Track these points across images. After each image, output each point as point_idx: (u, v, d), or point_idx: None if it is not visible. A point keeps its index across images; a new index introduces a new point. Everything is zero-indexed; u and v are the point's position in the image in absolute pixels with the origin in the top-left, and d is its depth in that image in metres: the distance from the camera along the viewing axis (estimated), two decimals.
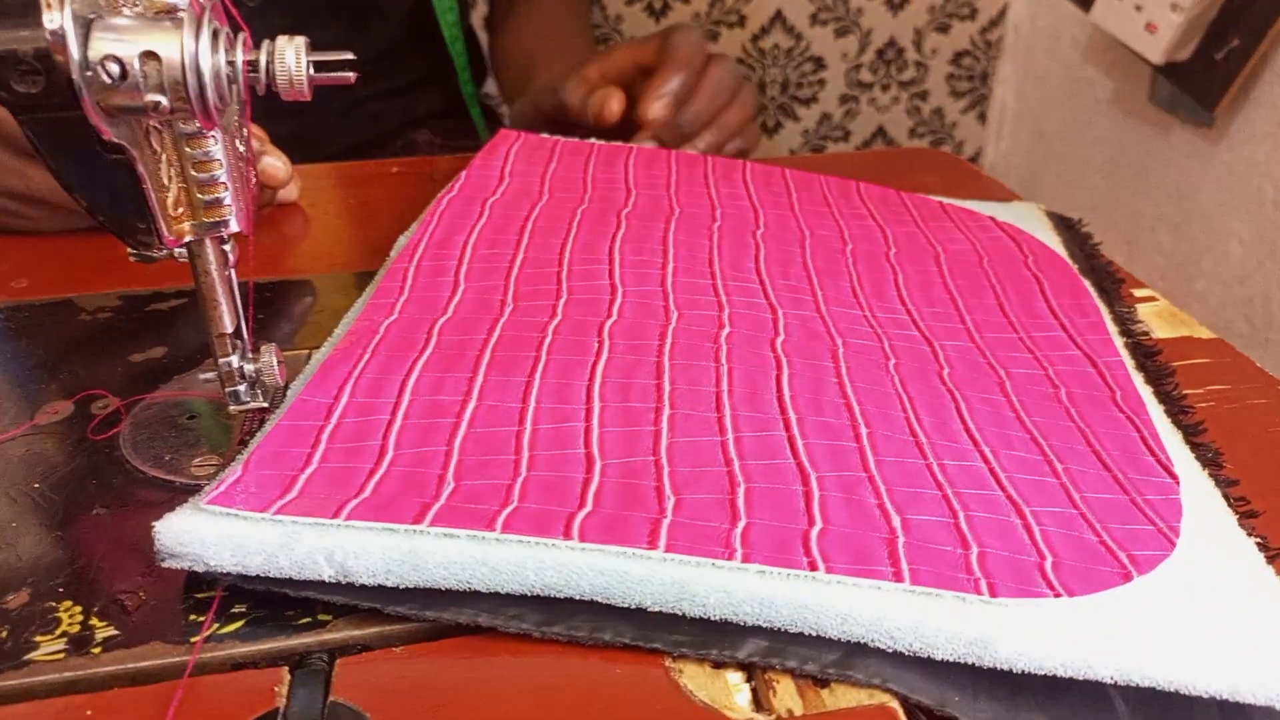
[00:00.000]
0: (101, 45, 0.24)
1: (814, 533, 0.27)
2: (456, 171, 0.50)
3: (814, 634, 0.25)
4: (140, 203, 0.27)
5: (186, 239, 0.29)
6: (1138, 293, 0.45)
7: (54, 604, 0.28)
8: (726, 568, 0.25)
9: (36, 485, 0.32)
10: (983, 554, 0.27)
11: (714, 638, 0.25)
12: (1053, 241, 0.48)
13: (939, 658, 0.24)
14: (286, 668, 0.26)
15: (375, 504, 0.28)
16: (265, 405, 0.33)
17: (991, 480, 0.30)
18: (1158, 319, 0.43)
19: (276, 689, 0.25)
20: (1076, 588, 0.26)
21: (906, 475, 0.30)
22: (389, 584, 0.26)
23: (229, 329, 0.31)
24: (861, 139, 1.29)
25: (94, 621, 0.27)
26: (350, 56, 0.26)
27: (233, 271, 0.31)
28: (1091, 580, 0.26)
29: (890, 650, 0.25)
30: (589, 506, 0.28)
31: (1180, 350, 0.40)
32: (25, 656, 0.26)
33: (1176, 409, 0.36)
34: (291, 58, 0.25)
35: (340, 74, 0.26)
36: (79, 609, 0.27)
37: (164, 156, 0.27)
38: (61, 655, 0.26)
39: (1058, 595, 0.25)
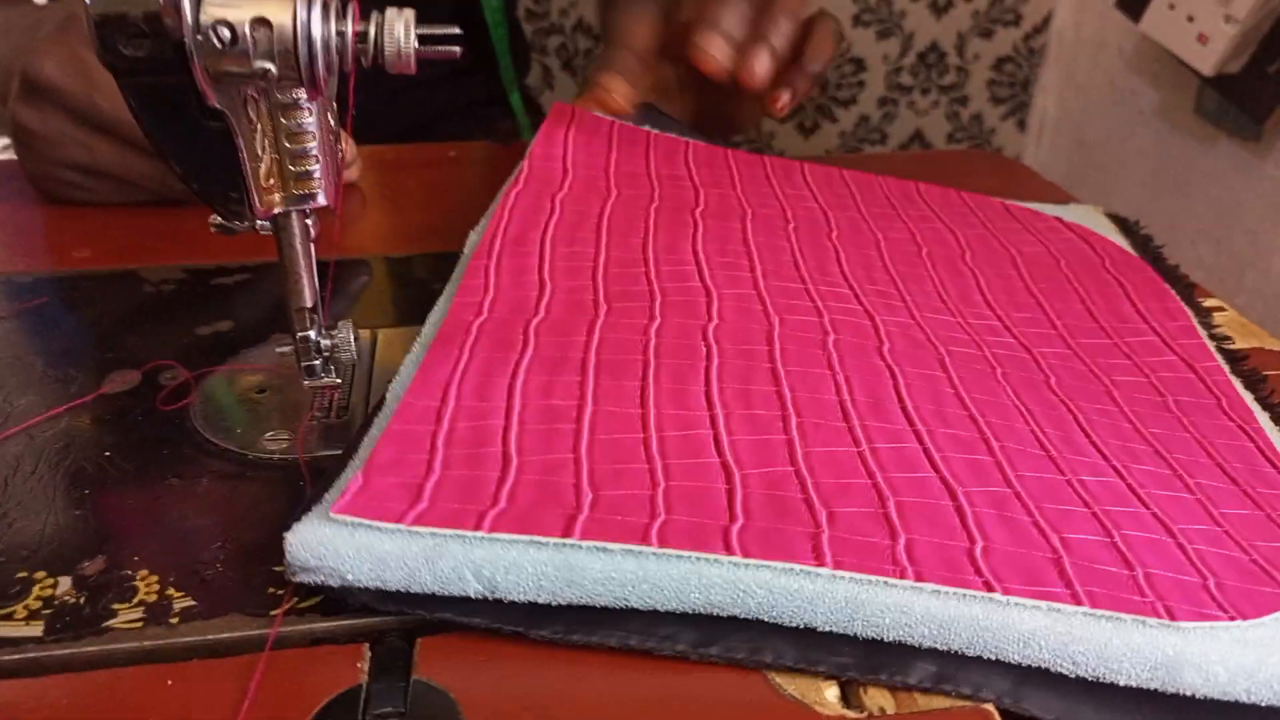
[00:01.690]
0: (213, 10, 0.23)
1: (978, 550, 0.26)
2: (511, 160, 0.49)
3: (992, 658, 0.24)
4: (234, 172, 0.27)
5: (275, 210, 0.28)
6: (1206, 302, 0.44)
7: (130, 572, 0.27)
8: (900, 586, 0.24)
9: (108, 454, 0.32)
10: (1148, 575, 0.26)
11: (882, 660, 0.24)
12: (1120, 244, 0.47)
13: (1122, 683, 0.24)
14: (366, 645, 0.26)
15: (515, 515, 0.26)
16: (338, 381, 0.33)
17: (1132, 496, 0.29)
18: (1229, 329, 0.42)
19: (359, 665, 0.25)
20: (1247, 610, 0.25)
21: (1051, 491, 0.29)
22: (540, 600, 0.25)
23: (309, 303, 0.31)
24: (899, 142, 1.29)
25: (171, 591, 0.27)
26: (457, 31, 0.25)
27: (313, 246, 0.31)
28: (1258, 602, 0.25)
29: (1072, 675, 0.24)
30: (740, 519, 0.26)
31: (1252, 362, 0.40)
32: (104, 624, 0.26)
33: (1278, 415, 0.35)
34: (400, 30, 0.24)
35: (446, 48, 0.25)
36: (155, 578, 0.27)
37: (259, 127, 0.27)
38: (140, 624, 0.26)
39: (1232, 618, 0.25)
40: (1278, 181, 0.92)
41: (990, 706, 0.24)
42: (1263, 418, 0.35)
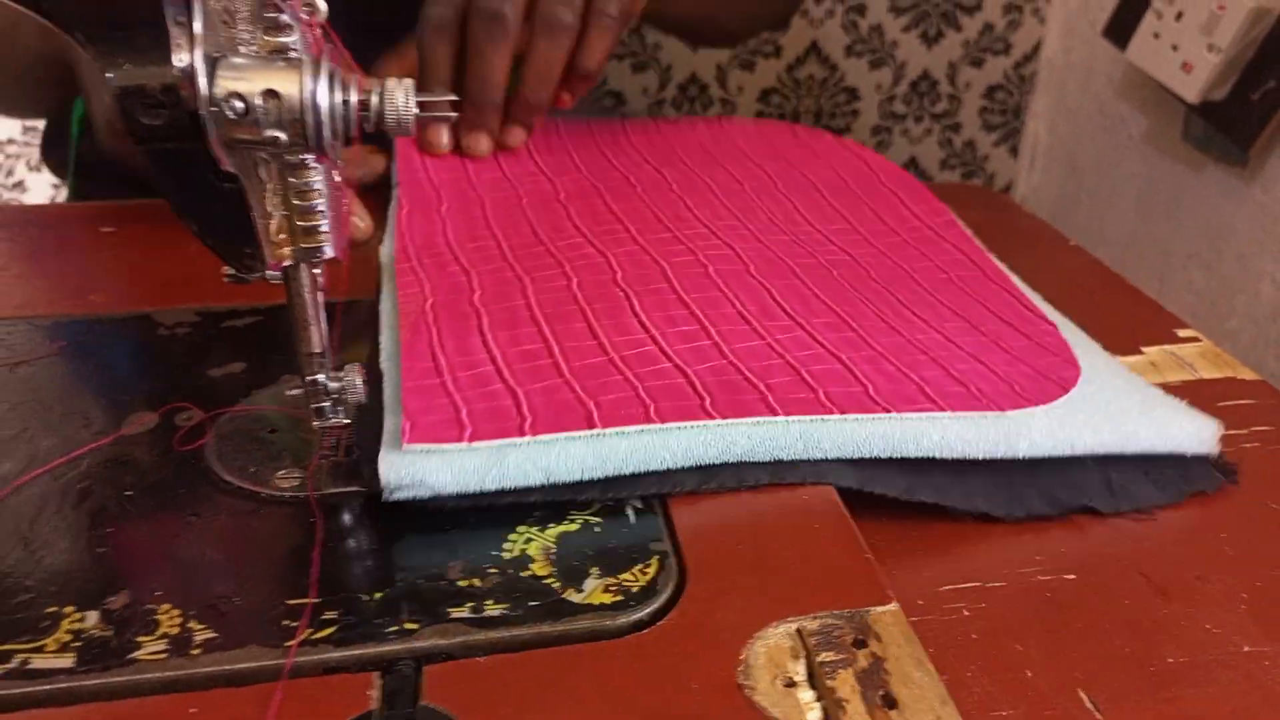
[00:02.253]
0: (226, 83, 0.25)
1: (871, 390, 0.36)
2: None
3: (896, 455, 0.34)
4: (247, 228, 0.29)
5: (285, 263, 0.30)
6: (1181, 333, 0.46)
7: (153, 606, 0.29)
8: (832, 420, 0.35)
9: (128, 493, 0.34)
10: (979, 388, 0.37)
11: (809, 471, 0.35)
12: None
13: (977, 456, 0.34)
14: (377, 673, 0.27)
15: (546, 422, 0.34)
16: (347, 422, 0.34)
17: (949, 343, 0.40)
18: (1202, 359, 0.44)
19: (369, 692, 0.26)
20: (1041, 399, 0.36)
21: (899, 348, 0.40)
22: (584, 479, 0.33)
23: (317, 349, 0.33)
24: None
25: (192, 624, 0.28)
26: (454, 97, 0.27)
27: (321, 294, 0.33)
28: (1046, 394, 0.37)
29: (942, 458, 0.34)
30: (706, 397, 0.35)
31: (1224, 391, 0.41)
32: (130, 655, 0.27)
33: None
34: (401, 98, 0.26)
35: (443, 114, 0.27)
36: (177, 611, 0.29)
37: (269, 186, 0.29)
38: (164, 655, 0.27)
39: (1036, 404, 0.36)
40: (1265, 206, 0.94)
41: None
42: (1014, 278, 0.47)
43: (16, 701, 0.26)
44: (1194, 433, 0.36)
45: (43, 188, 1.20)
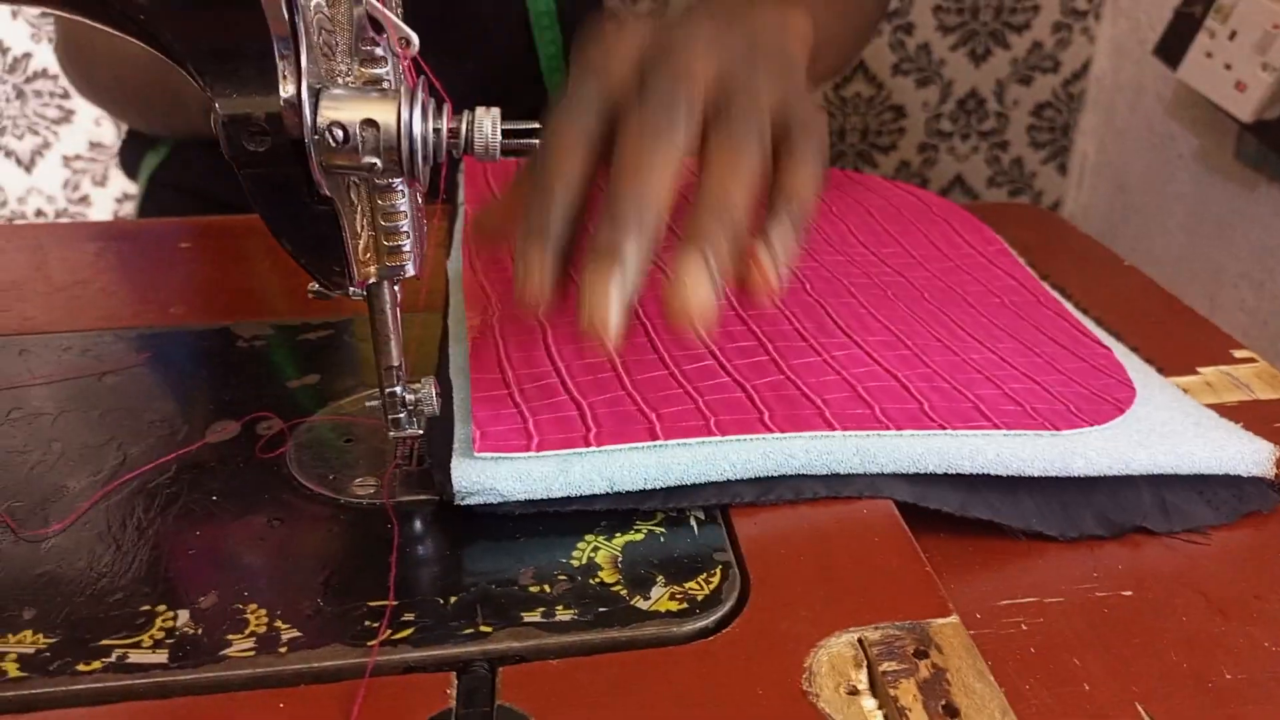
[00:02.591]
0: (328, 113, 0.27)
1: (927, 407, 0.37)
2: None
3: (951, 471, 0.35)
4: (337, 248, 0.30)
5: (371, 280, 0.32)
6: (1237, 353, 0.46)
7: (240, 606, 0.30)
8: (888, 436, 0.36)
9: (214, 498, 0.35)
10: (1034, 407, 0.38)
11: (864, 485, 0.36)
12: None
13: (1031, 474, 0.35)
14: (454, 673, 0.28)
15: (610, 432, 0.35)
16: (420, 432, 0.36)
17: (1007, 365, 0.41)
18: (1258, 380, 0.44)
19: (448, 690, 0.28)
20: (1098, 419, 0.37)
21: (954, 366, 0.40)
22: (646, 488, 0.34)
23: (395, 362, 0.34)
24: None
25: (278, 624, 0.30)
26: (537, 126, 0.29)
27: (399, 310, 0.34)
28: (1103, 414, 0.37)
29: (995, 474, 0.35)
30: (765, 411, 0.37)
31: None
32: (221, 652, 0.29)
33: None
34: (489, 126, 0.28)
35: (527, 140, 0.29)
36: (264, 611, 0.30)
37: (359, 208, 0.30)
38: (252, 652, 0.29)
39: (1092, 424, 0.37)
40: None
41: None
42: (1067, 304, 0.48)
43: (116, 693, 0.28)
44: (1249, 454, 0.37)
45: (106, 201, 1.24)
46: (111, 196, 1.24)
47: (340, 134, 0.26)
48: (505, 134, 0.28)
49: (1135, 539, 0.35)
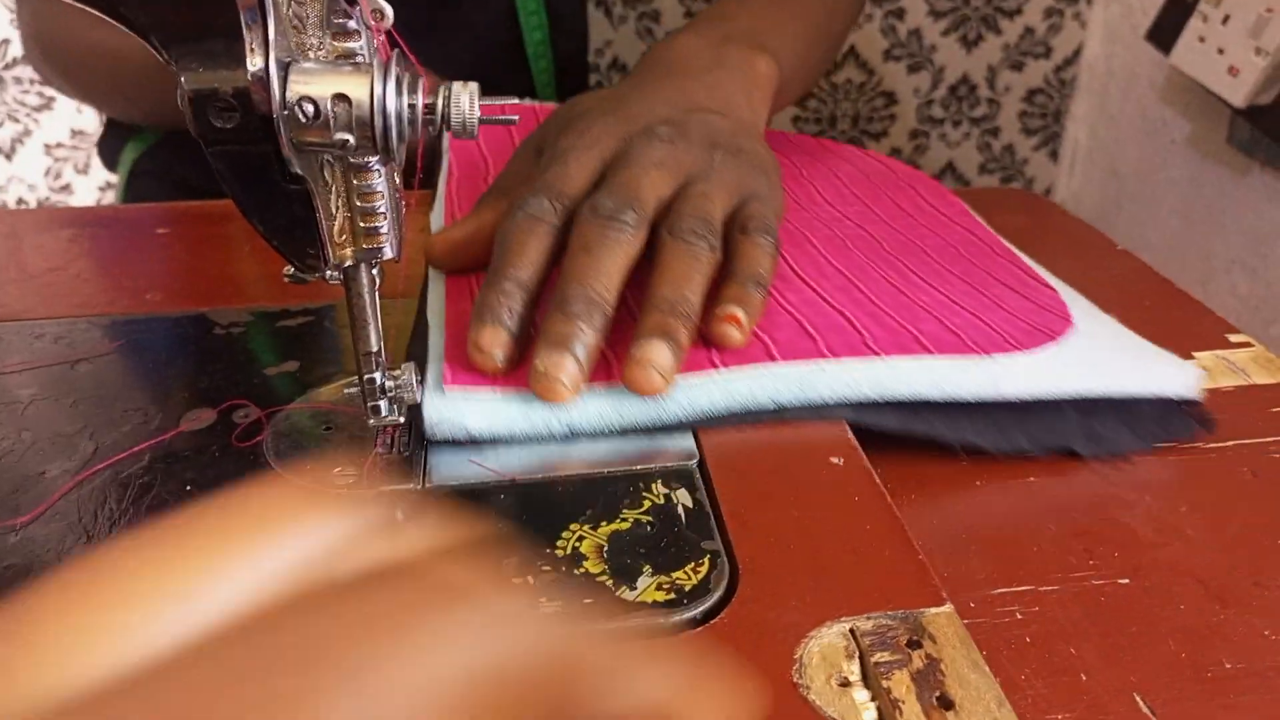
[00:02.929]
0: (297, 87, 0.26)
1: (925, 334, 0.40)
2: None
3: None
4: (311, 229, 0.29)
5: (347, 264, 0.31)
6: (1232, 338, 0.45)
7: None
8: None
9: (189, 488, 0.34)
10: (972, 337, 0.39)
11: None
12: None
13: (964, 397, 0.37)
14: None
15: None
16: (401, 420, 0.35)
17: (954, 305, 0.42)
18: (1254, 364, 0.43)
19: None
20: (1028, 344, 0.39)
21: (902, 305, 0.42)
22: (602, 429, 0.36)
23: (374, 348, 0.33)
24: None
25: None
26: (515, 100, 0.28)
27: (378, 295, 0.33)
28: (1037, 342, 0.39)
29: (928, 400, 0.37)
30: (715, 352, 0.38)
31: (1277, 397, 0.41)
32: None
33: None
34: (465, 102, 0.27)
35: (505, 118, 0.28)
36: None
37: (334, 188, 0.29)
38: None
39: (1024, 350, 0.38)
40: None
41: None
42: (1023, 255, 0.49)
43: None
44: (1176, 377, 0.39)
45: (89, 190, 1.22)
46: (94, 185, 1.23)
47: (311, 109, 0.25)
48: (483, 110, 0.27)
49: (1133, 527, 0.34)
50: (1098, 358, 0.39)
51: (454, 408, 0.35)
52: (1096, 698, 0.28)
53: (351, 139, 0.26)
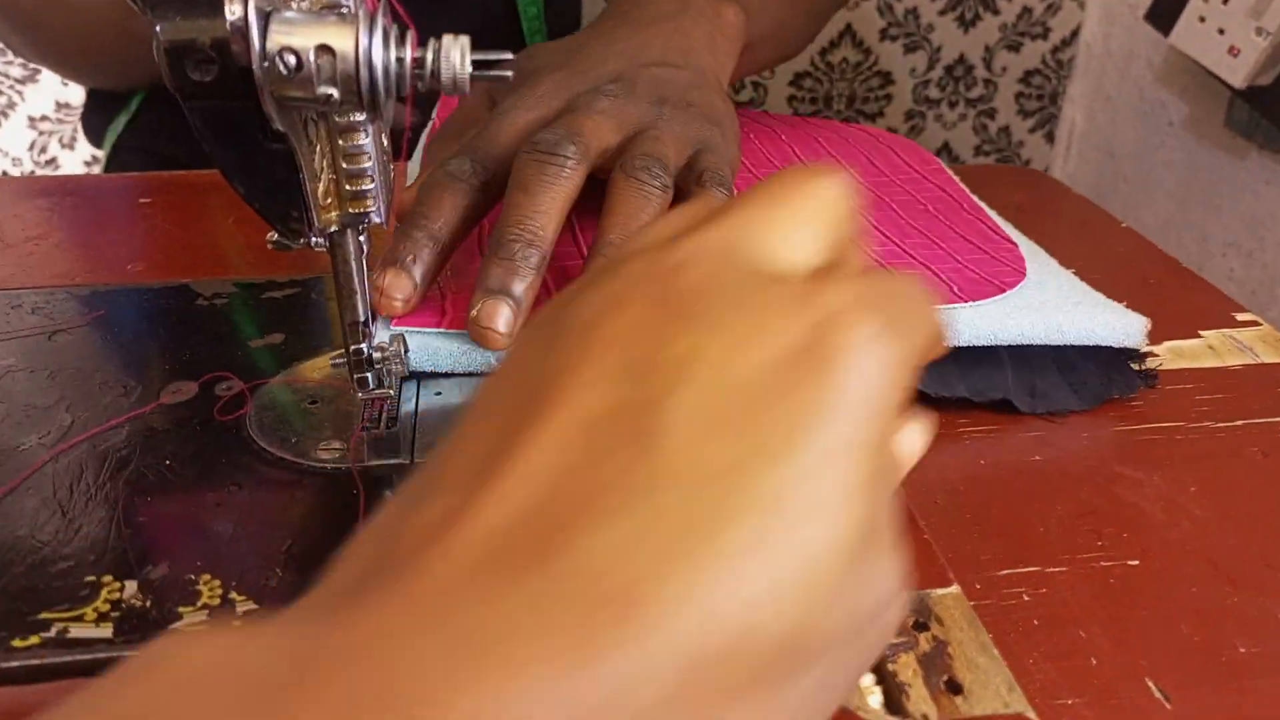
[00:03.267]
0: (279, 37, 0.24)
1: None
2: None
3: None
4: (294, 191, 0.28)
5: (332, 228, 0.29)
6: (1240, 316, 0.45)
7: (193, 576, 0.28)
8: None
9: (168, 462, 0.33)
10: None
11: None
12: None
13: None
14: None
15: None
16: (390, 393, 0.34)
17: (908, 257, 0.43)
18: (1261, 343, 0.42)
19: None
20: (975, 297, 0.39)
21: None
22: None
23: (361, 317, 0.32)
24: None
25: (233, 595, 0.28)
26: (509, 56, 0.26)
27: (365, 262, 0.32)
28: (983, 292, 0.39)
29: None
30: None
31: None
32: (170, 626, 0.27)
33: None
34: (456, 56, 0.25)
35: (498, 73, 0.26)
36: (217, 582, 0.28)
37: (319, 147, 0.28)
38: (204, 626, 0.27)
39: (969, 300, 0.38)
40: None
41: (1033, 715, 0.24)
42: (990, 212, 0.49)
43: (55, 670, 0.26)
44: (1119, 326, 0.38)
45: (75, 164, 1.20)
46: (80, 159, 1.21)
47: (292, 61, 0.24)
48: (475, 65, 0.26)
49: (1142, 506, 0.33)
50: (1043, 308, 0.39)
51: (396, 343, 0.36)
52: (1107, 682, 0.27)
53: (336, 93, 0.25)
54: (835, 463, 0.17)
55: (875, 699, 0.25)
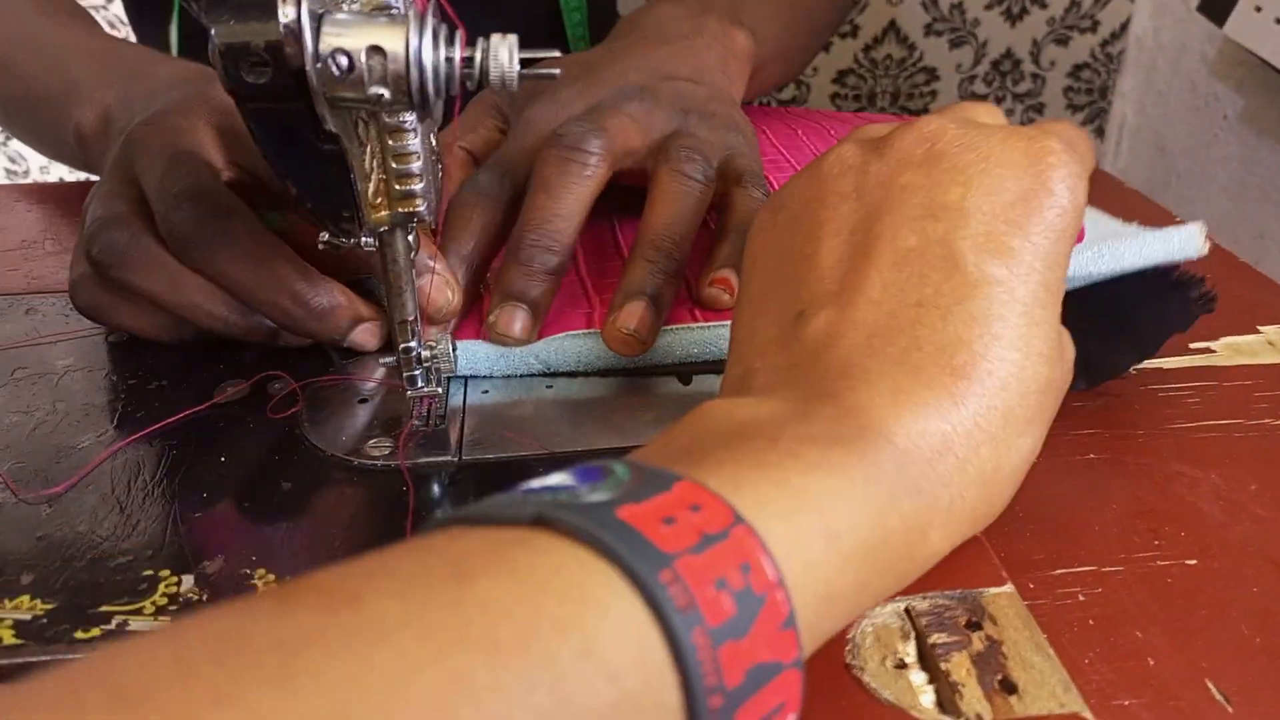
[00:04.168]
0: (331, 39, 0.25)
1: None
2: None
3: None
4: (346, 191, 0.28)
5: (382, 228, 0.30)
6: None
7: (248, 571, 0.29)
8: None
9: (222, 459, 0.34)
10: None
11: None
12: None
13: None
14: None
15: (551, 321, 0.38)
16: (438, 391, 0.34)
17: None
18: None
19: None
20: None
21: None
22: (578, 370, 0.38)
23: (410, 316, 0.32)
24: None
25: None
26: (555, 54, 0.26)
27: (414, 263, 0.32)
28: None
29: None
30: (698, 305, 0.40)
31: None
32: None
33: None
34: (505, 55, 0.26)
35: (547, 70, 0.26)
36: (272, 576, 0.29)
37: (369, 148, 0.28)
38: None
39: None
40: None
41: (1089, 715, 0.24)
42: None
43: None
44: (1176, 240, 0.35)
45: None
46: None
47: (345, 62, 0.24)
48: (523, 63, 0.26)
49: (1199, 505, 0.33)
50: (1095, 243, 0.36)
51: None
52: (1165, 683, 0.26)
53: (387, 93, 0.25)
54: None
55: (928, 698, 0.25)
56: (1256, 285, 0.47)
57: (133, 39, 0.76)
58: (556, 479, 0.20)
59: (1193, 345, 0.41)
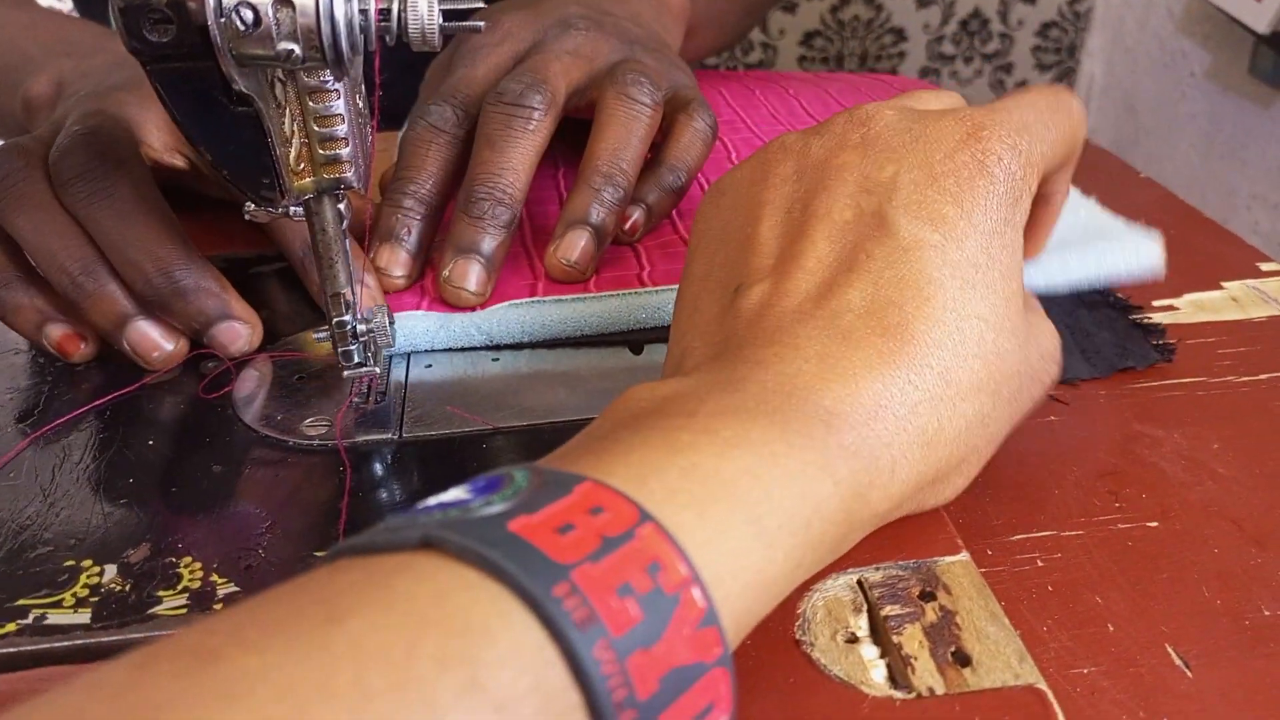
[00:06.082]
0: None
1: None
2: None
3: None
4: (263, 156, 0.27)
5: (306, 196, 0.28)
6: (1264, 266, 0.43)
7: (174, 559, 0.28)
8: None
9: (151, 442, 0.32)
10: None
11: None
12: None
13: None
14: None
15: (496, 290, 0.37)
16: (376, 370, 0.32)
17: None
18: None
19: None
20: None
21: None
22: (524, 341, 0.36)
23: (344, 289, 0.31)
24: None
25: (214, 577, 0.27)
26: (480, 5, 0.25)
27: (345, 231, 0.31)
28: None
29: None
30: (647, 268, 0.39)
31: None
32: (149, 610, 0.26)
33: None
34: (424, 7, 0.24)
35: (470, 24, 0.25)
36: (199, 565, 0.27)
37: (287, 110, 0.27)
38: (184, 610, 0.26)
39: None
40: None
41: (1044, 687, 0.23)
42: None
43: (33, 657, 0.25)
44: (1134, 255, 0.37)
45: None
46: None
47: (249, 16, 0.23)
48: (445, 15, 0.24)
49: (1161, 466, 0.32)
50: (1057, 248, 0.37)
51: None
52: (1125, 649, 0.26)
53: (297, 49, 0.23)
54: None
55: (879, 673, 0.24)
56: (1220, 240, 0.46)
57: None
58: (452, 494, 0.18)
59: (1156, 303, 0.40)
